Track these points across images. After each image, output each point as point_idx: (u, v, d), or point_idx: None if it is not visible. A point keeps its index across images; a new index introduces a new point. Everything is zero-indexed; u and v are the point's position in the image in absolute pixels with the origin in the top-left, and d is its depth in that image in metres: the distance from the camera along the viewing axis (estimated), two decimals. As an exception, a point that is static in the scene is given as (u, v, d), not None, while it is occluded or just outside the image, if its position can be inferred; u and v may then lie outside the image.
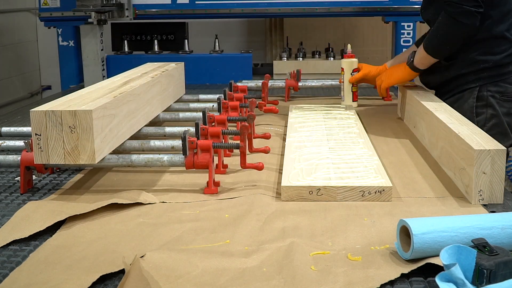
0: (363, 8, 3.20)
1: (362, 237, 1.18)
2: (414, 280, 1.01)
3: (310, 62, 3.26)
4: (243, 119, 1.78)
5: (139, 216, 1.32)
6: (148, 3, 3.23)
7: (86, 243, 1.18)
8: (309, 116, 2.15)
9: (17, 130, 1.85)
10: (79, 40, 3.16)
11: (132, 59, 3.23)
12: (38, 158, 1.39)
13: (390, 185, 1.39)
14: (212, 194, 1.45)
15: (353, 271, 1.03)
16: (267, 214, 1.30)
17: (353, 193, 1.39)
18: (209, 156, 1.45)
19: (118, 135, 1.58)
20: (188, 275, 1.03)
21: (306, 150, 1.68)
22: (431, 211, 1.33)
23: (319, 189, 1.39)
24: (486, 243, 1.00)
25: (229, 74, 3.13)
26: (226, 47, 3.54)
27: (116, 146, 1.57)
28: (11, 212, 1.33)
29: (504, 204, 1.36)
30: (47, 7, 3.29)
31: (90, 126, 1.37)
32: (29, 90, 4.50)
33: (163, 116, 2.05)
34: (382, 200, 1.38)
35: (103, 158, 1.47)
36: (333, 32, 4.21)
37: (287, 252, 1.10)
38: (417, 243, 1.04)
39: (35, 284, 1.00)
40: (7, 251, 1.15)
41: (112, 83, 1.79)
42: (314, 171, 1.49)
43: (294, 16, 3.55)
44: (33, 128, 1.38)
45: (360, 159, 1.58)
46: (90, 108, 1.38)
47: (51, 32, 3.52)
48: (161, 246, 1.15)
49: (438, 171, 1.61)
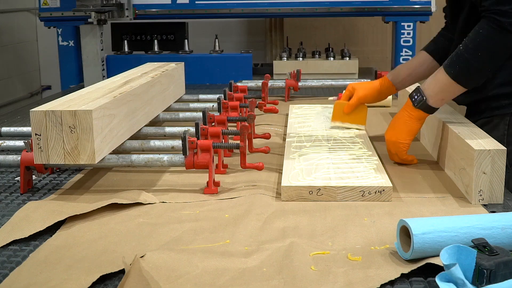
0: (363, 8, 3.20)
1: (362, 237, 1.18)
2: (414, 280, 1.01)
3: (310, 62, 3.26)
4: (243, 119, 1.78)
5: (139, 216, 1.32)
6: (148, 3, 3.23)
7: (86, 243, 1.18)
8: (309, 116, 2.15)
9: (17, 130, 1.85)
10: (79, 40, 3.16)
11: (132, 59, 3.23)
12: (38, 158, 1.39)
13: (390, 185, 1.39)
14: (212, 194, 1.45)
15: (353, 271, 1.03)
16: (267, 214, 1.30)
17: (353, 193, 1.39)
18: (209, 156, 1.45)
19: (118, 135, 1.58)
20: (188, 275, 1.03)
21: (306, 150, 1.68)
22: (431, 211, 1.33)
23: (319, 189, 1.39)
24: (486, 243, 1.00)
25: (229, 74, 3.13)
26: (226, 47, 3.54)
27: (116, 146, 1.57)
28: (11, 212, 1.33)
29: (504, 204, 1.36)
30: (47, 7, 3.29)
31: (90, 126, 1.37)
32: (29, 90, 4.50)
33: (163, 116, 2.05)
34: (382, 200, 1.38)
35: (103, 158, 1.47)
36: (333, 32, 4.21)
37: (287, 252, 1.10)
38: (417, 243, 1.04)
39: (35, 284, 1.00)
40: (7, 251, 1.15)
41: (112, 83, 1.79)
42: (314, 171, 1.49)
43: (294, 16, 3.55)
44: (33, 128, 1.38)
45: (360, 159, 1.58)
46: (90, 108, 1.38)
47: (51, 32, 3.52)
48: (161, 246, 1.15)
49: (438, 171, 1.61)
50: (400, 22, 3.20)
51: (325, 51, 3.40)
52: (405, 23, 3.20)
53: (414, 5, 3.16)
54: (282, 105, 2.47)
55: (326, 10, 3.22)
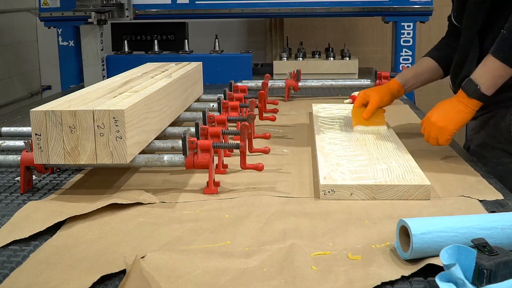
0: (363, 8, 3.20)
1: (362, 237, 1.18)
2: (414, 280, 1.01)
3: (310, 62, 3.26)
4: (243, 119, 1.78)
5: (139, 216, 1.32)
6: (148, 3, 3.23)
7: (87, 243, 1.18)
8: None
9: (17, 130, 1.85)
10: (79, 40, 3.16)
11: (132, 59, 3.23)
12: (38, 158, 1.39)
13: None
14: (212, 194, 1.45)
15: (354, 270, 1.03)
16: (268, 215, 1.30)
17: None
18: (209, 156, 1.46)
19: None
20: (189, 275, 1.03)
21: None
22: (431, 211, 1.33)
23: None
24: (486, 243, 1.00)
25: (229, 74, 3.12)
26: (226, 47, 3.54)
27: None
28: (11, 212, 1.33)
29: (504, 204, 1.36)
30: (47, 7, 3.29)
31: (90, 126, 1.37)
32: (29, 90, 4.50)
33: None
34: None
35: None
36: (333, 32, 4.21)
37: (288, 253, 1.10)
38: (416, 243, 1.04)
39: (35, 284, 1.00)
40: (7, 251, 1.15)
41: (112, 83, 1.79)
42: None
43: (294, 16, 3.55)
44: (33, 128, 1.38)
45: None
46: (90, 108, 1.38)
47: (51, 32, 3.52)
48: (161, 246, 1.15)
49: (438, 171, 1.61)
50: (400, 22, 3.20)
51: (325, 51, 3.40)
52: (405, 23, 3.20)
53: (414, 5, 3.16)
54: (282, 105, 2.47)
55: (326, 10, 3.22)
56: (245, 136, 1.56)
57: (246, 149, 1.56)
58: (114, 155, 1.38)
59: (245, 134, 1.56)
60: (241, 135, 1.56)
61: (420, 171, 1.48)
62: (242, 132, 1.56)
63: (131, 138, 1.41)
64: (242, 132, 1.56)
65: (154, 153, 1.60)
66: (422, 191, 1.39)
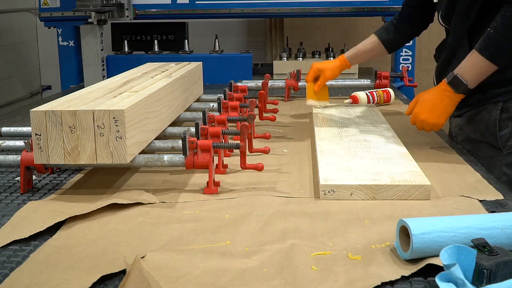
0: (363, 8, 3.20)
1: (362, 237, 1.18)
2: (414, 280, 1.01)
3: (310, 62, 3.24)
4: (243, 119, 1.78)
5: (139, 216, 1.32)
6: (148, 3, 3.23)
7: (87, 243, 1.18)
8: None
9: (17, 130, 1.85)
10: (79, 40, 3.16)
11: (132, 59, 3.23)
12: (38, 158, 1.39)
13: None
14: (212, 194, 1.45)
15: (354, 269, 1.03)
16: (268, 215, 1.30)
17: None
18: (209, 156, 1.46)
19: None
20: (189, 275, 1.03)
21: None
22: (431, 211, 1.33)
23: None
24: (486, 243, 1.00)
25: (229, 74, 3.13)
26: (226, 47, 3.54)
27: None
28: (11, 212, 1.33)
29: (504, 204, 1.36)
30: (47, 7, 3.28)
31: (90, 126, 1.37)
32: (29, 90, 4.50)
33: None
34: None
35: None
36: (333, 32, 4.21)
37: (288, 253, 1.10)
38: (416, 243, 1.04)
39: (35, 284, 1.00)
40: (7, 251, 1.15)
41: (112, 83, 1.79)
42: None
43: (294, 16, 3.55)
44: (33, 128, 1.38)
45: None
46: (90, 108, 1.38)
47: (51, 32, 3.53)
48: (161, 246, 1.15)
49: (438, 171, 1.61)
50: (400, 22, 3.20)
51: (325, 51, 3.40)
52: (405, 23, 3.19)
53: (414, 5, 3.15)
54: (282, 105, 2.47)
55: (326, 10, 3.22)
56: (245, 136, 1.56)
57: (246, 149, 1.56)
58: (114, 155, 1.38)
59: (245, 134, 1.56)
60: (241, 135, 1.56)
61: (420, 171, 1.48)
62: (242, 132, 1.56)
63: (131, 138, 1.41)
64: (242, 132, 1.56)
65: (154, 153, 1.60)
66: (422, 191, 1.39)
